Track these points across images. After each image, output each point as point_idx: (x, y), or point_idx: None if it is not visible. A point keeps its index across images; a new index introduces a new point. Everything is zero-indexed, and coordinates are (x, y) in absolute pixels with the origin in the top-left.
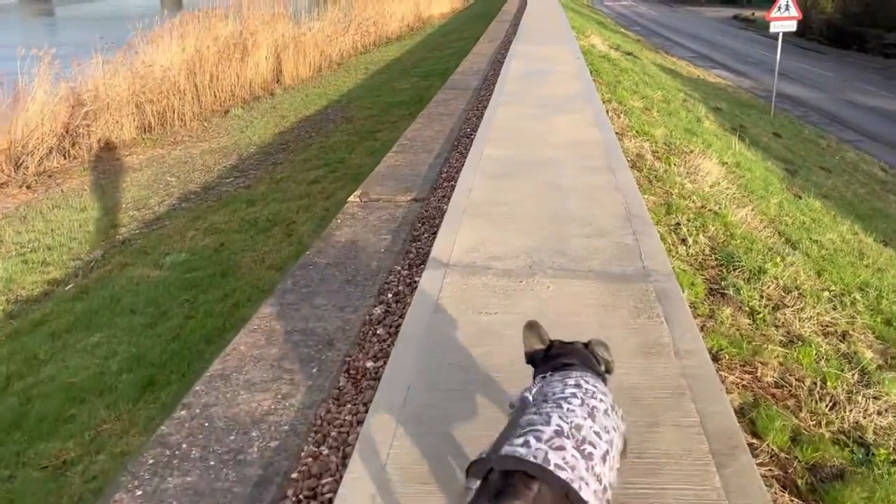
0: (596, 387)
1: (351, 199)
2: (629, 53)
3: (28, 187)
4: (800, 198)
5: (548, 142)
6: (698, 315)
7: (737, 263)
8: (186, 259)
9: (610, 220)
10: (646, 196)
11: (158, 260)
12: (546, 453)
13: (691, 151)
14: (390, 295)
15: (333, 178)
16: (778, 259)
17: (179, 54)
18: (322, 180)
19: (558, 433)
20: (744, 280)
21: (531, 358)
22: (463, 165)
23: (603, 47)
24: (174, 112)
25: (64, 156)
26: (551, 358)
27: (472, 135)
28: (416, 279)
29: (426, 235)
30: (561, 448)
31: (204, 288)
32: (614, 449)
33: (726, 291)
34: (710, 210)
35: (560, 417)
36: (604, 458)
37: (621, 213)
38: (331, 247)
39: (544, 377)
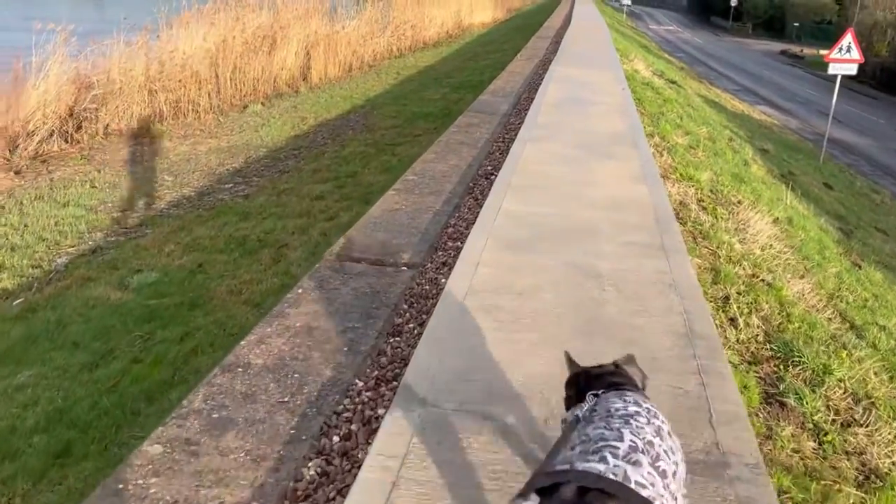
0: (655, 407)
1: (327, 254)
2: (673, 82)
3: (17, 173)
4: (859, 267)
5: (583, 198)
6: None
7: (796, 358)
8: (156, 281)
9: (663, 339)
10: (690, 257)
11: (125, 278)
12: (626, 470)
13: (739, 202)
14: (336, 438)
15: (340, 195)
16: (844, 354)
17: (203, 42)
18: (328, 196)
19: (633, 449)
20: (805, 382)
21: (573, 380)
22: (475, 219)
23: (646, 73)
24: (189, 102)
25: (66, 140)
26: (596, 378)
27: (492, 175)
28: (381, 410)
29: (410, 325)
30: (638, 464)
31: (165, 321)
32: (681, 471)
33: (786, 399)
34: (762, 280)
35: (632, 433)
36: (674, 477)
37: (679, 328)
38: (276, 336)
39: (597, 395)
